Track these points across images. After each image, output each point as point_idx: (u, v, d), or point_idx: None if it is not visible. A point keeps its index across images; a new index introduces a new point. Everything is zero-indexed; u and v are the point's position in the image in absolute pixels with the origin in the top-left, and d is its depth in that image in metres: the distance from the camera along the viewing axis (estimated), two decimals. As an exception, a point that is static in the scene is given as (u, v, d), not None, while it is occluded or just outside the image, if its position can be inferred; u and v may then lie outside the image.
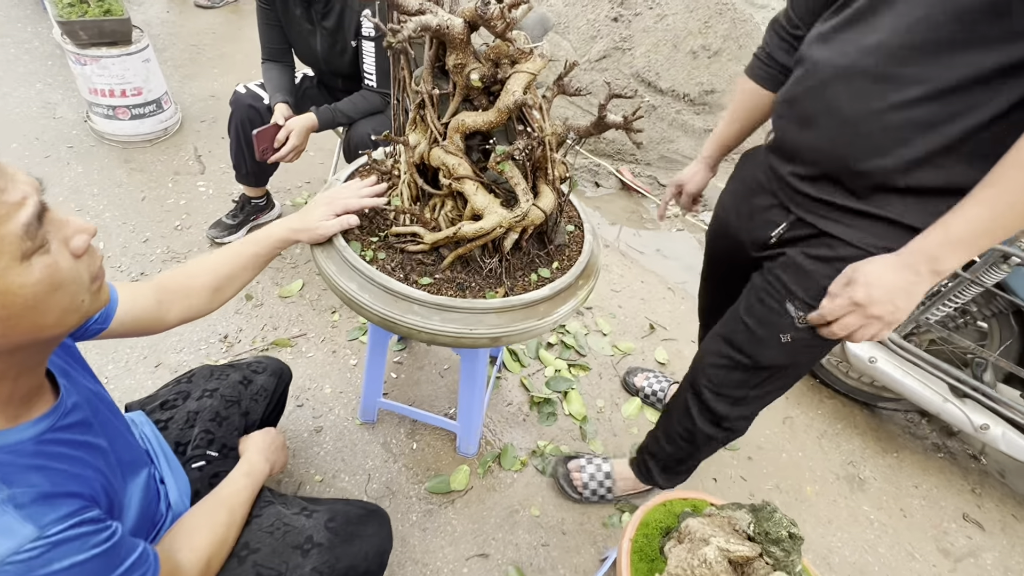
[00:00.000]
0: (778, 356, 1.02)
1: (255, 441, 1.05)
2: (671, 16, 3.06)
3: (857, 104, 0.82)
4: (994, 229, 0.74)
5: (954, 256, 0.77)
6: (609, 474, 1.51)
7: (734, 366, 1.09)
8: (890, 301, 0.81)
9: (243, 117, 1.82)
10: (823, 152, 0.89)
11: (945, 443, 1.97)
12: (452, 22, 0.84)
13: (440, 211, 1.07)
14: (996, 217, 0.73)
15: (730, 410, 1.14)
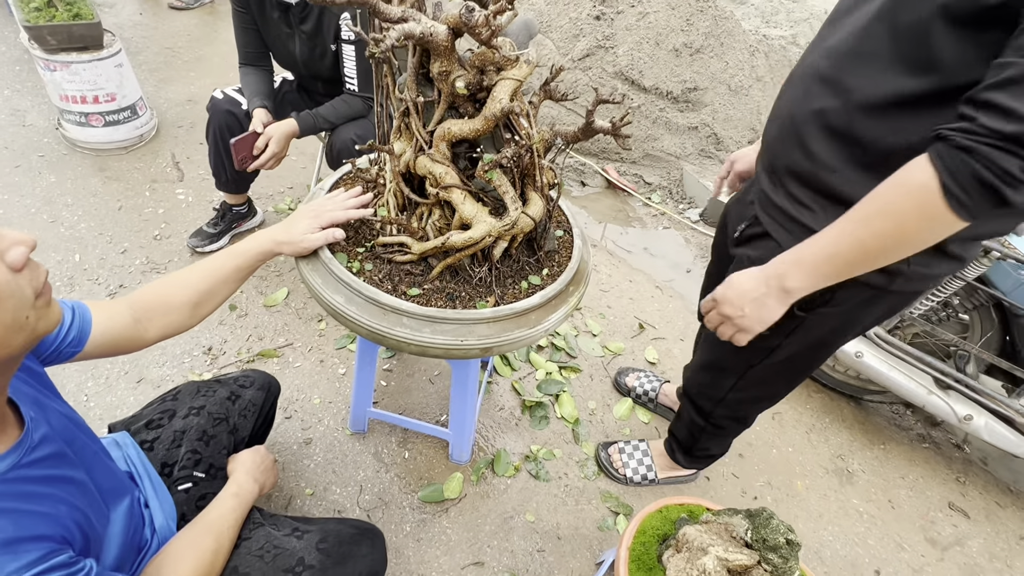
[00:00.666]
0: (736, 357, 1.08)
1: (243, 461, 1.02)
2: (653, 14, 3.06)
3: (802, 103, 0.85)
4: (835, 263, 0.75)
5: (798, 277, 0.78)
6: (647, 451, 1.59)
7: (704, 366, 1.21)
8: (739, 306, 0.85)
9: (221, 123, 1.78)
10: (771, 147, 0.92)
11: (930, 433, 2.01)
12: (436, 29, 0.83)
13: (427, 220, 1.05)
14: (839, 253, 0.74)
15: (713, 408, 1.25)
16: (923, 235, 0.69)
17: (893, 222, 0.69)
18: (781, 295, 0.81)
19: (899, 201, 0.68)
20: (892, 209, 0.69)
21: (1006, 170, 0.59)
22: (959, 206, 0.63)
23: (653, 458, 1.59)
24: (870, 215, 0.71)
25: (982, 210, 0.63)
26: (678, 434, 1.45)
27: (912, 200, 0.67)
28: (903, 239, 0.70)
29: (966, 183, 0.62)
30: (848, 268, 0.76)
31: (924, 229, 0.68)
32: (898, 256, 0.73)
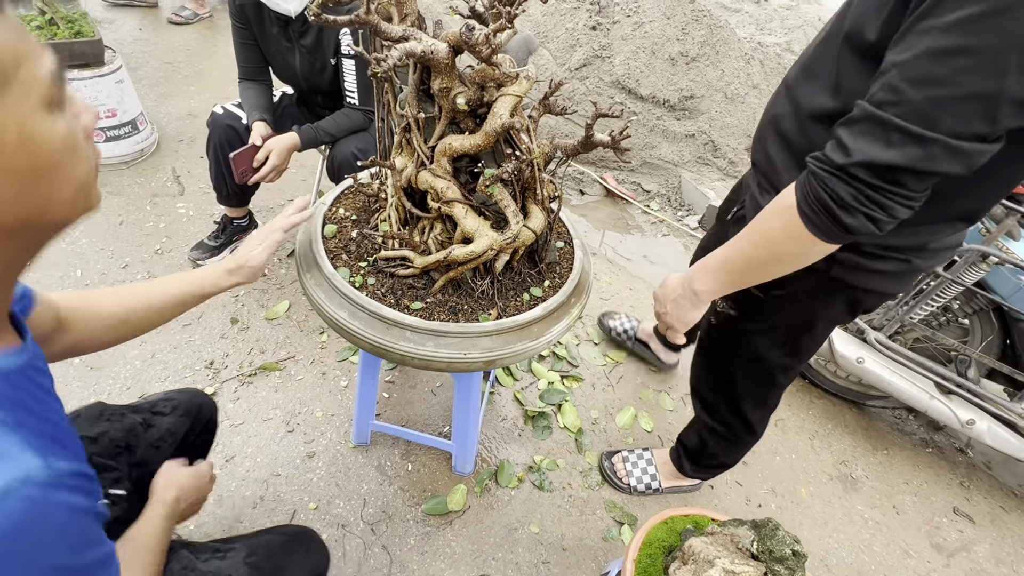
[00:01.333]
0: (711, 335, 1.19)
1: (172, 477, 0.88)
2: (648, 24, 3.09)
3: (772, 107, 0.95)
4: (728, 271, 0.85)
5: (702, 280, 0.89)
6: (651, 460, 1.60)
7: (698, 350, 1.29)
8: (664, 303, 0.98)
9: (221, 138, 1.79)
10: (756, 137, 1.02)
11: (932, 438, 2.00)
12: (437, 47, 0.84)
13: (429, 234, 1.06)
14: (730, 261, 0.84)
15: (716, 399, 1.29)
16: (791, 251, 0.76)
17: (766, 237, 0.78)
18: (692, 297, 0.91)
19: (771, 219, 0.77)
20: (766, 226, 0.78)
21: (838, 195, 0.67)
22: (810, 224, 0.71)
23: (657, 467, 1.60)
24: (753, 230, 0.80)
25: (828, 231, 0.70)
26: (687, 441, 1.47)
27: (779, 219, 0.75)
28: (775, 253, 0.78)
29: (812, 204, 0.70)
30: (740, 276, 0.85)
31: (790, 246, 0.75)
32: (779, 272, 0.81)
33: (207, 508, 1.39)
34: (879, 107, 0.64)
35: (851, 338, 1.75)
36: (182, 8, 3.72)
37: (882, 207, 0.66)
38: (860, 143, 0.65)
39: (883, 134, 0.64)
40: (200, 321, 1.85)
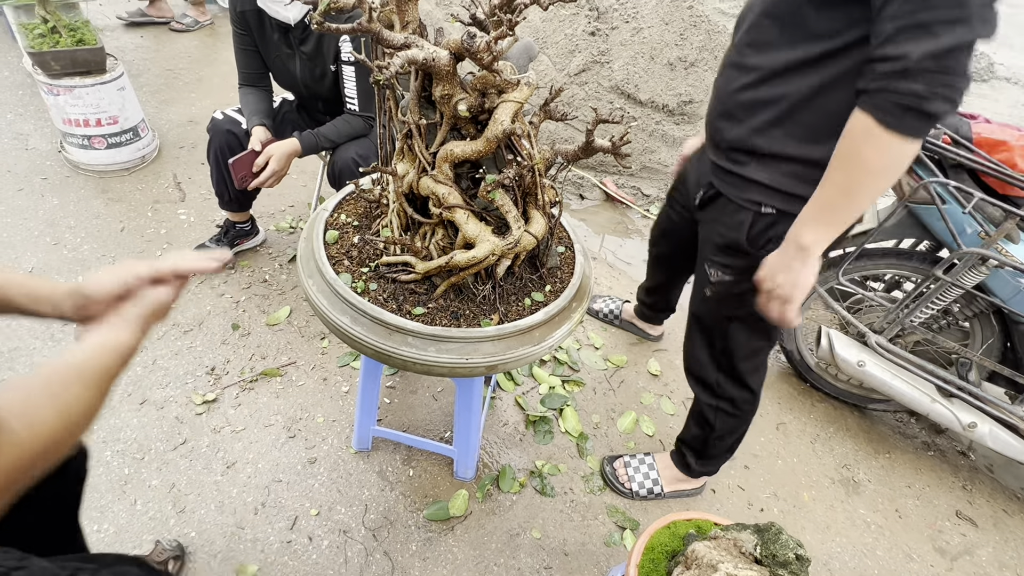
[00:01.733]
0: (710, 310, 1.26)
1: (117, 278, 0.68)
2: (647, 29, 3.11)
3: (724, 86, 1.07)
4: (830, 210, 0.91)
5: (808, 233, 0.94)
6: (652, 465, 1.62)
7: (695, 329, 1.34)
8: (771, 276, 1.00)
9: (222, 143, 1.80)
10: (712, 125, 1.12)
11: (934, 441, 2.00)
12: (438, 55, 0.84)
13: (431, 239, 1.06)
14: (829, 201, 0.91)
15: (715, 375, 1.34)
16: (888, 164, 0.84)
17: (860, 165, 0.85)
18: (800, 254, 0.94)
19: (854, 146, 0.85)
20: (852, 154, 0.85)
21: (916, 92, 0.77)
22: (900, 129, 0.80)
23: (659, 471, 1.60)
24: (840, 165, 0.87)
25: (917, 128, 0.80)
26: (689, 437, 1.50)
27: (862, 142, 0.83)
28: (874, 173, 0.85)
29: (895, 112, 0.79)
30: (842, 211, 0.91)
31: (886, 160, 0.83)
32: (879, 191, 0.89)
33: (208, 515, 1.39)
34: (911, 15, 0.75)
35: (852, 341, 1.76)
36: (183, 16, 3.74)
37: (951, 86, 0.76)
38: (911, 46, 0.75)
39: (927, 31, 0.74)
40: (201, 327, 1.85)
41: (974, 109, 5.19)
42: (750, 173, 1.05)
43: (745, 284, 1.11)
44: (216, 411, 1.62)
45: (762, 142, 1.01)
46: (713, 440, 1.44)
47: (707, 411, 1.40)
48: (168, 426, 1.56)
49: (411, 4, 0.89)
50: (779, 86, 0.96)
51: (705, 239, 1.22)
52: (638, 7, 3.19)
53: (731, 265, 1.15)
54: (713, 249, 1.18)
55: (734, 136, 1.05)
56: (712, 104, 1.12)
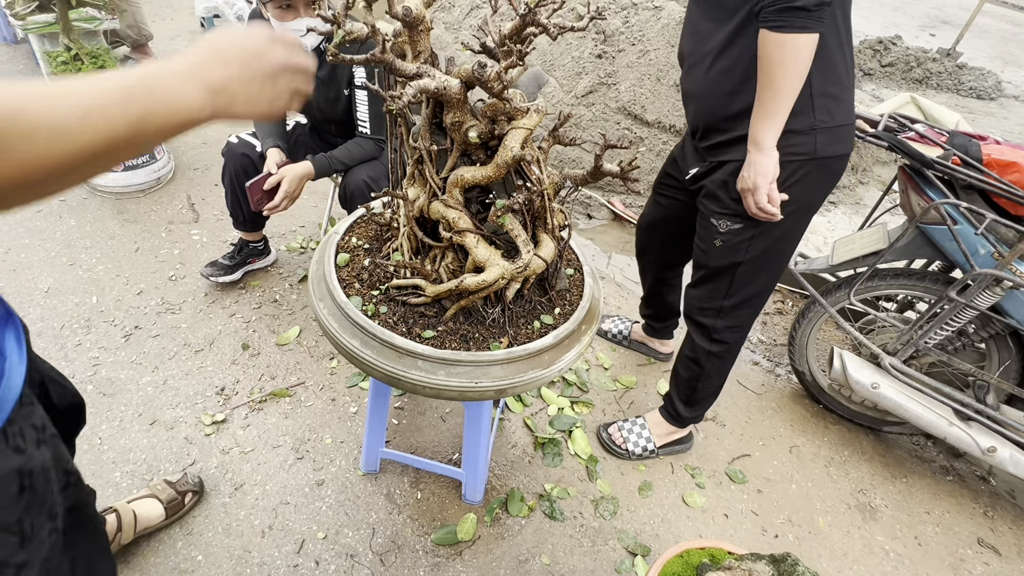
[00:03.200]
0: (720, 258, 1.39)
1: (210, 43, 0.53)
2: (653, 52, 3.15)
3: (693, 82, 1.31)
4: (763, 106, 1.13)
5: (756, 133, 1.16)
6: (644, 424, 1.76)
7: (701, 279, 1.48)
8: (741, 176, 1.22)
9: (236, 167, 1.84)
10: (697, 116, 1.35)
11: (952, 465, 1.95)
12: (450, 84, 0.86)
13: (441, 263, 1.07)
14: (761, 103, 1.13)
15: (715, 322, 1.49)
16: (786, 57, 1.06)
17: (768, 64, 1.09)
18: (756, 147, 1.17)
19: (763, 52, 1.09)
20: (764, 59, 1.09)
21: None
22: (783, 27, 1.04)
23: (650, 429, 1.75)
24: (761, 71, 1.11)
25: (797, 21, 1.03)
26: (677, 386, 1.66)
27: (771, 47, 1.07)
28: (781, 67, 1.07)
29: (773, 17, 1.04)
30: (773, 104, 1.12)
31: (783, 53, 1.06)
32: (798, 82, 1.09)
33: (215, 538, 1.38)
34: None
35: (865, 363, 1.73)
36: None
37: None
38: None
39: None
40: (212, 347, 1.87)
41: (983, 127, 5.19)
42: (743, 129, 1.23)
43: (752, 231, 1.32)
44: (225, 432, 1.62)
45: (742, 100, 1.21)
46: (702, 383, 1.60)
47: (701, 355, 1.55)
48: (177, 447, 1.56)
49: (423, 34, 0.92)
50: (731, 54, 1.19)
51: (709, 198, 1.37)
52: (644, 30, 3.24)
53: (739, 213, 1.31)
54: (719, 204, 1.34)
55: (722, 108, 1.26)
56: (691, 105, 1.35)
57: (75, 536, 0.72)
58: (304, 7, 1.58)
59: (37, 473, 0.62)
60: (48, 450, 0.65)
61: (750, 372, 2.18)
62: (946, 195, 1.51)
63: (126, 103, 0.45)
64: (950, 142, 1.57)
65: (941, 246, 1.59)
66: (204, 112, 0.50)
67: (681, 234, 1.64)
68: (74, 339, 1.81)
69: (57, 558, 0.67)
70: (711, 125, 1.31)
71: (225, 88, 0.52)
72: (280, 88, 0.57)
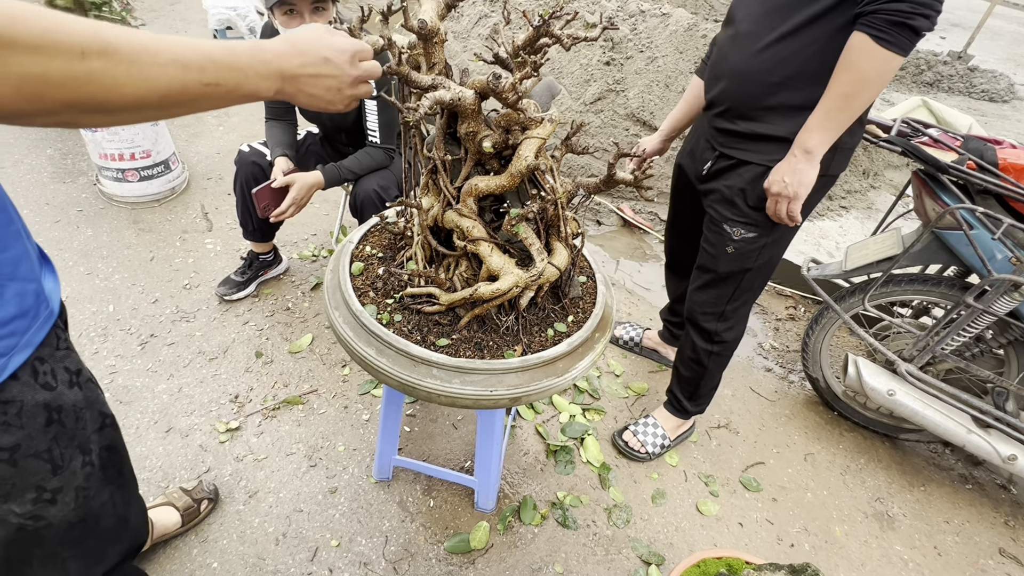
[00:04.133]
0: (730, 264, 1.40)
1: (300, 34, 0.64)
2: (661, 58, 3.16)
3: (739, 54, 1.22)
4: (831, 117, 1.09)
5: (811, 139, 1.12)
6: (656, 423, 1.78)
7: (707, 284, 1.48)
8: (780, 179, 1.18)
9: (247, 175, 1.86)
10: (727, 92, 1.26)
11: (972, 473, 1.92)
12: (464, 95, 0.87)
13: (455, 271, 1.08)
14: (830, 109, 1.09)
15: (717, 324, 1.52)
16: (880, 74, 1.03)
17: (854, 72, 1.04)
18: (806, 156, 1.13)
19: (853, 60, 1.03)
20: (852, 67, 1.04)
21: (902, 11, 0.96)
22: (891, 45, 0.99)
23: (663, 425, 1.77)
24: (841, 79, 1.06)
25: (903, 43, 0.99)
26: (681, 380, 1.69)
27: (864, 56, 1.02)
28: (866, 81, 1.04)
29: (884, 27, 0.98)
30: (841, 116, 1.09)
31: (879, 70, 1.02)
32: (870, 98, 1.08)
33: (230, 546, 1.39)
34: None
35: (881, 370, 1.71)
36: None
37: (928, 6, 0.96)
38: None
39: None
40: (226, 355, 1.88)
41: (997, 131, 5.14)
42: (774, 129, 1.20)
43: (764, 239, 1.33)
44: (239, 439, 1.63)
45: (785, 95, 1.16)
46: (704, 380, 1.64)
47: (702, 355, 1.58)
48: (192, 454, 1.57)
49: (437, 46, 0.93)
50: (795, 41, 1.12)
51: (723, 203, 1.35)
52: (652, 37, 3.25)
53: (755, 221, 1.31)
54: (735, 211, 1.32)
55: (763, 96, 1.19)
56: (728, 74, 1.25)
57: (111, 472, 0.80)
58: (309, 13, 1.59)
59: (67, 409, 0.69)
60: (81, 392, 0.71)
61: (763, 379, 2.16)
62: (961, 200, 1.50)
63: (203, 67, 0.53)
64: (965, 146, 1.55)
65: (957, 251, 1.57)
66: (268, 93, 0.61)
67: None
68: (91, 347, 1.83)
69: (96, 488, 0.76)
70: (740, 110, 1.25)
71: (294, 79, 0.62)
72: (345, 95, 0.69)
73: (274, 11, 1.59)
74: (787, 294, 2.64)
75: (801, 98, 1.14)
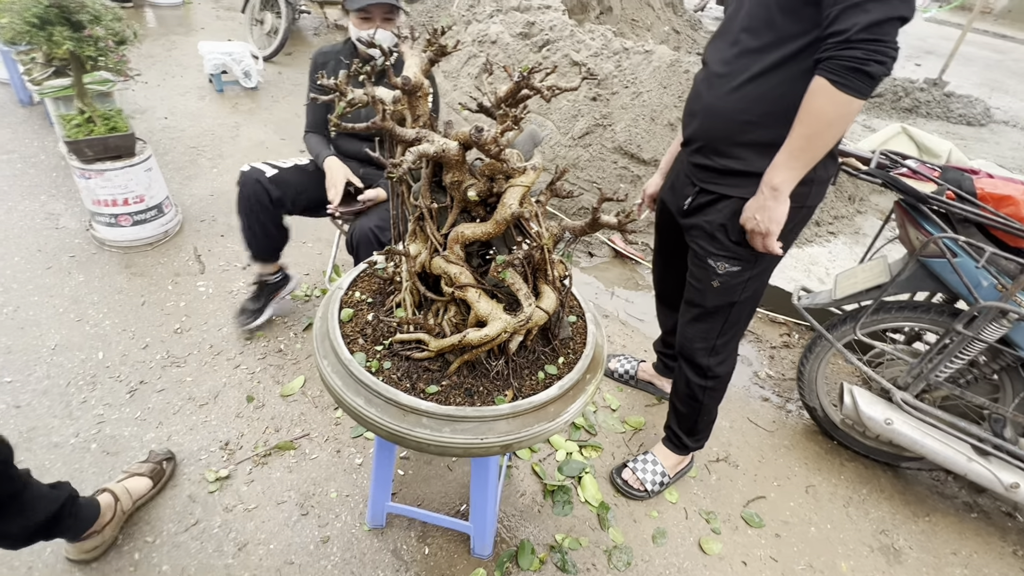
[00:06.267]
0: (717, 298, 1.42)
1: None
2: (646, 93, 3.24)
3: (713, 94, 1.26)
4: (795, 157, 1.13)
5: (777, 176, 1.16)
6: (655, 460, 1.76)
7: (696, 318, 1.49)
8: (751, 216, 1.23)
9: (251, 192, 1.88)
10: (703, 130, 1.30)
11: (976, 501, 1.89)
12: (448, 146, 0.89)
13: (443, 316, 1.07)
14: (794, 149, 1.13)
15: (709, 359, 1.53)
16: (840, 116, 1.07)
17: (817, 117, 1.09)
18: (773, 193, 1.17)
19: (814, 102, 1.08)
20: (812, 109, 1.08)
21: (857, 57, 1.00)
22: (847, 88, 1.03)
23: (661, 462, 1.75)
24: (803, 120, 1.10)
25: (860, 87, 1.03)
26: (679, 416, 1.68)
27: (823, 98, 1.06)
28: (828, 123, 1.09)
29: (840, 72, 1.03)
30: (804, 156, 1.13)
31: (838, 112, 1.06)
32: (833, 139, 1.12)
33: (218, 602, 1.34)
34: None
35: (876, 398, 1.70)
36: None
37: (882, 52, 0.99)
38: (850, 21, 0.99)
39: (861, 8, 0.98)
40: (217, 400, 1.86)
41: (976, 153, 5.25)
42: (749, 165, 1.23)
43: (748, 273, 1.35)
44: (229, 488, 1.60)
45: (757, 133, 1.21)
46: (702, 416, 1.64)
47: (696, 391, 1.59)
48: (180, 506, 1.53)
49: (421, 100, 0.95)
50: (763, 83, 1.17)
51: (706, 238, 1.36)
52: (636, 73, 3.35)
53: (739, 256, 1.33)
54: (718, 246, 1.34)
55: (736, 133, 1.23)
56: (702, 112, 1.29)
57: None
58: (381, 20, 1.84)
59: None
60: None
61: (760, 408, 2.14)
62: (944, 229, 1.52)
63: None
64: (943, 177, 1.59)
65: (943, 279, 1.59)
66: None
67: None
68: (79, 396, 1.80)
69: None
70: (716, 146, 1.29)
71: None
72: None
73: (351, 15, 1.84)
74: (780, 321, 2.65)
75: (771, 135, 1.18)
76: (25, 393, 1.78)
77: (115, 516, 1.41)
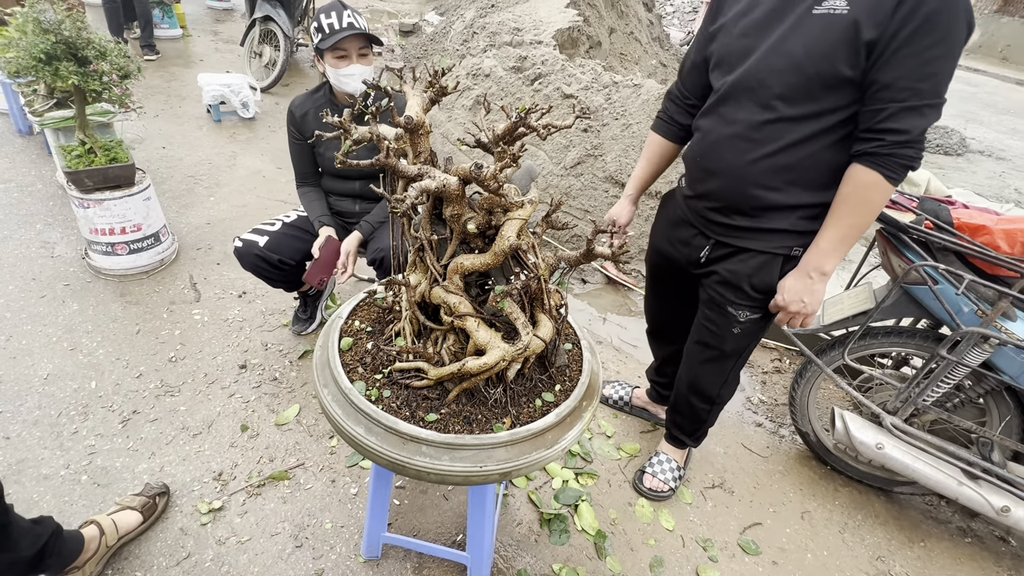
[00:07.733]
0: (738, 343, 1.49)
1: None
2: (636, 125, 3.35)
3: (738, 157, 1.27)
4: (846, 242, 1.21)
5: (830, 261, 1.24)
6: (669, 459, 1.86)
7: (711, 359, 1.56)
8: (798, 300, 1.29)
9: (252, 264, 1.94)
10: (724, 191, 1.33)
11: (969, 525, 1.91)
12: (448, 182, 0.93)
13: (442, 345, 1.10)
14: (844, 235, 1.21)
15: (719, 391, 1.63)
16: (882, 204, 1.18)
17: (867, 206, 1.18)
18: (822, 278, 1.25)
19: (865, 193, 1.16)
20: (864, 199, 1.17)
21: (910, 156, 1.11)
22: (894, 181, 1.13)
23: (672, 459, 1.86)
24: (856, 210, 1.18)
25: (904, 176, 1.13)
26: (684, 428, 1.79)
27: (875, 190, 1.15)
28: (873, 210, 1.18)
29: (896, 169, 1.12)
30: (852, 241, 1.21)
31: (883, 201, 1.17)
32: (872, 221, 1.21)
33: (209, 639, 1.31)
34: (908, 100, 1.07)
35: (867, 423, 1.73)
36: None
37: (922, 151, 1.12)
38: (910, 123, 1.08)
39: (919, 112, 1.08)
40: (211, 430, 1.85)
41: (955, 182, 5.39)
42: (772, 224, 1.29)
43: (768, 319, 1.43)
44: (222, 520, 1.58)
45: (782, 198, 1.26)
46: (704, 426, 1.77)
47: (702, 413, 1.70)
48: (172, 539, 1.51)
49: (423, 137, 0.99)
50: (795, 153, 1.21)
51: (727, 288, 1.40)
52: (626, 106, 3.46)
53: (762, 304, 1.39)
54: (742, 296, 1.39)
55: (757, 196, 1.27)
56: (725, 173, 1.31)
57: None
58: (356, 57, 1.79)
59: None
60: None
61: (754, 434, 2.16)
62: (924, 257, 1.58)
63: None
64: (921, 207, 1.65)
65: (926, 305, 1.64)
66: None
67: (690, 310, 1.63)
68: (71, 427, 1.79)
69: None
70: (738, 207, 1.31)
71: None
72: None
73: (324, 55, 1.78)
74: (771, 346, 2.69)
75: (799, 200, 1.25)
76: (15, 424, 1.76)
77: (98, 551, 1.38)
